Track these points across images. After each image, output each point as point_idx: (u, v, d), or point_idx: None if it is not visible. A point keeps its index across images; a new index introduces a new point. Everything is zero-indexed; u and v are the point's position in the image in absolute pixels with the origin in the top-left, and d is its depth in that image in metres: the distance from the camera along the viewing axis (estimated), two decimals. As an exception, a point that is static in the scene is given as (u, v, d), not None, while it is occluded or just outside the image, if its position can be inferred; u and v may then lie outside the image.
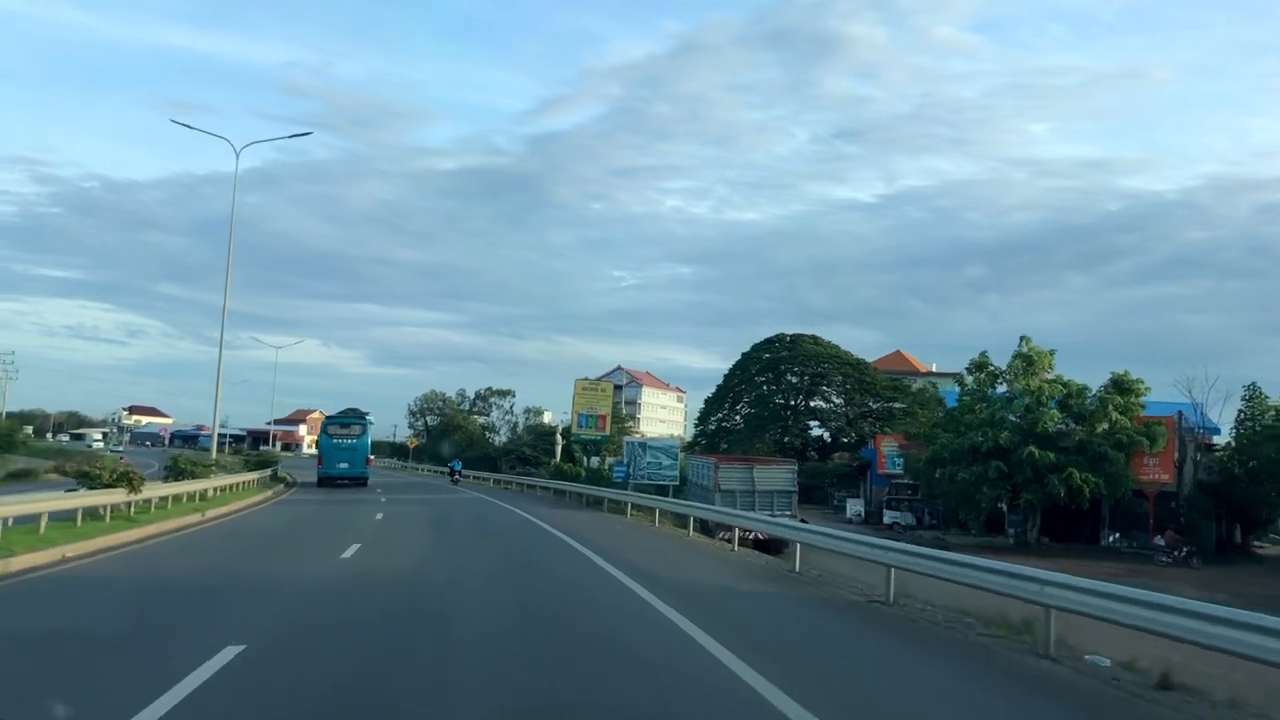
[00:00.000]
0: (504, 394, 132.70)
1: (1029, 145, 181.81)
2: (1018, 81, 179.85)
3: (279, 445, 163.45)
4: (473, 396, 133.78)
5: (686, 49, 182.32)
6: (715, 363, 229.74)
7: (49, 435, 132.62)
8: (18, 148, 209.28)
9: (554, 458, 70.50)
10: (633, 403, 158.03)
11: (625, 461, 46.45)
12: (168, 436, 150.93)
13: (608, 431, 61.45)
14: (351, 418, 55.22)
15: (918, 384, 79.05)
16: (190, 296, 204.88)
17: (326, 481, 47.38)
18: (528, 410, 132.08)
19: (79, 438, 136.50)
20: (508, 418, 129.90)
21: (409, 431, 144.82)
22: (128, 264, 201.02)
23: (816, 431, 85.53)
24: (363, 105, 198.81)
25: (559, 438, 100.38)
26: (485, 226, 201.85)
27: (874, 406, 79.34)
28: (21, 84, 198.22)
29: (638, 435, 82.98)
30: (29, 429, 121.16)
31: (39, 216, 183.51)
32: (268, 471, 47.11)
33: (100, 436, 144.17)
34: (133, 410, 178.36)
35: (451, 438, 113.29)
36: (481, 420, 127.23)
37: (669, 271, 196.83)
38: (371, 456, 53.83)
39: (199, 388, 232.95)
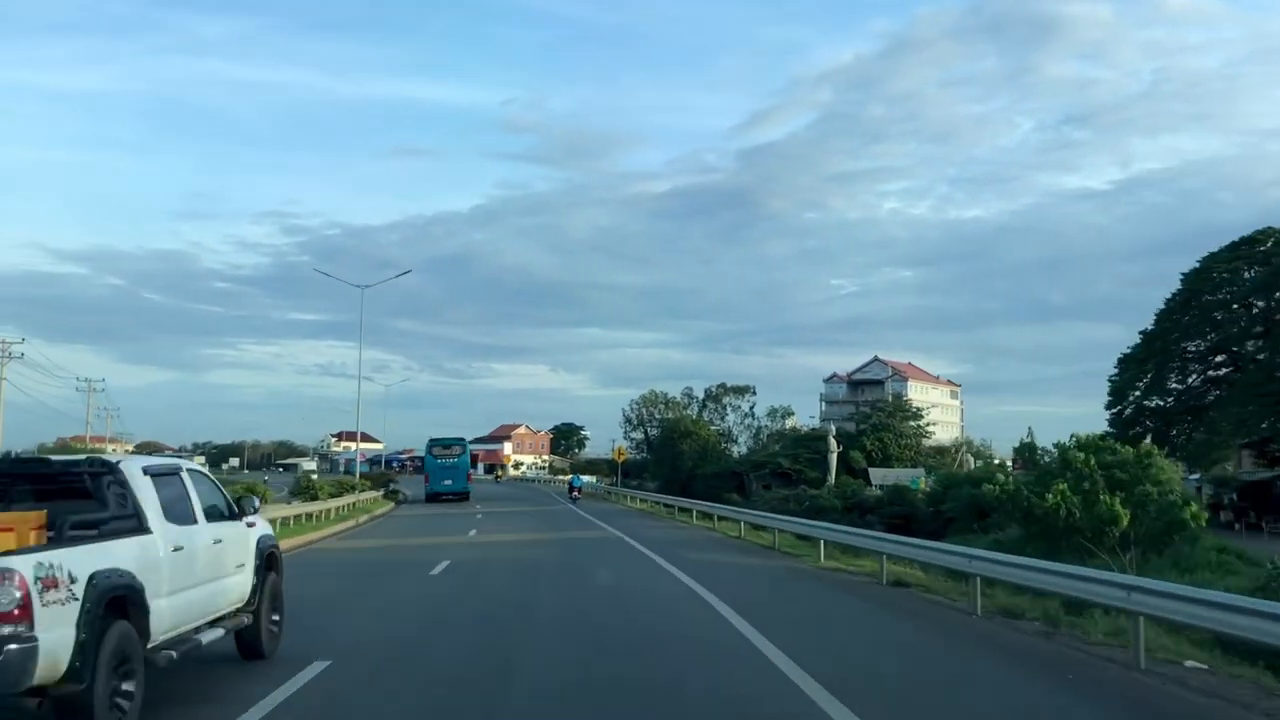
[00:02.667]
0: (741, 391, 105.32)
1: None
2: (1264, 46, 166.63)
3: (481, 468, 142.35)
4: (702, 396, 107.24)
5: (897, 47, 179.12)
6: (944, 368, 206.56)
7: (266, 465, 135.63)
8: (269, 203, 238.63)
9: (828, 474, 58.85)
10: (899, 399, 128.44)
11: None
12: (364, 462, 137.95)
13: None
14: (453, 440, 59.35)
15: None
16: (426, 331, 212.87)
17: (433, 498, 51.36)
18: (773, 411, 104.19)
19: (290, 467, 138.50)
20: (748, 421, 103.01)
21: (625, 444, 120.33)
22: (370, 304, 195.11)
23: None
24: (576, 136, 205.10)
25: (833, 443, 70.83)
26: (700, 245, 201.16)
27: None
28: (269, 146, 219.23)
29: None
30: (234, 460, 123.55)
31: (290, 265, 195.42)
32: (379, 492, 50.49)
33: (313, 464, 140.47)
34: (342, 437, 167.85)
35: (677, 447, 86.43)
36: (714, 426, 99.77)
37: (890, 276, 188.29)
38: (472, 473, 60.71)
39: (443, 417, 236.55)
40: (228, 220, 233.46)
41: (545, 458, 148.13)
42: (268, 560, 9.35)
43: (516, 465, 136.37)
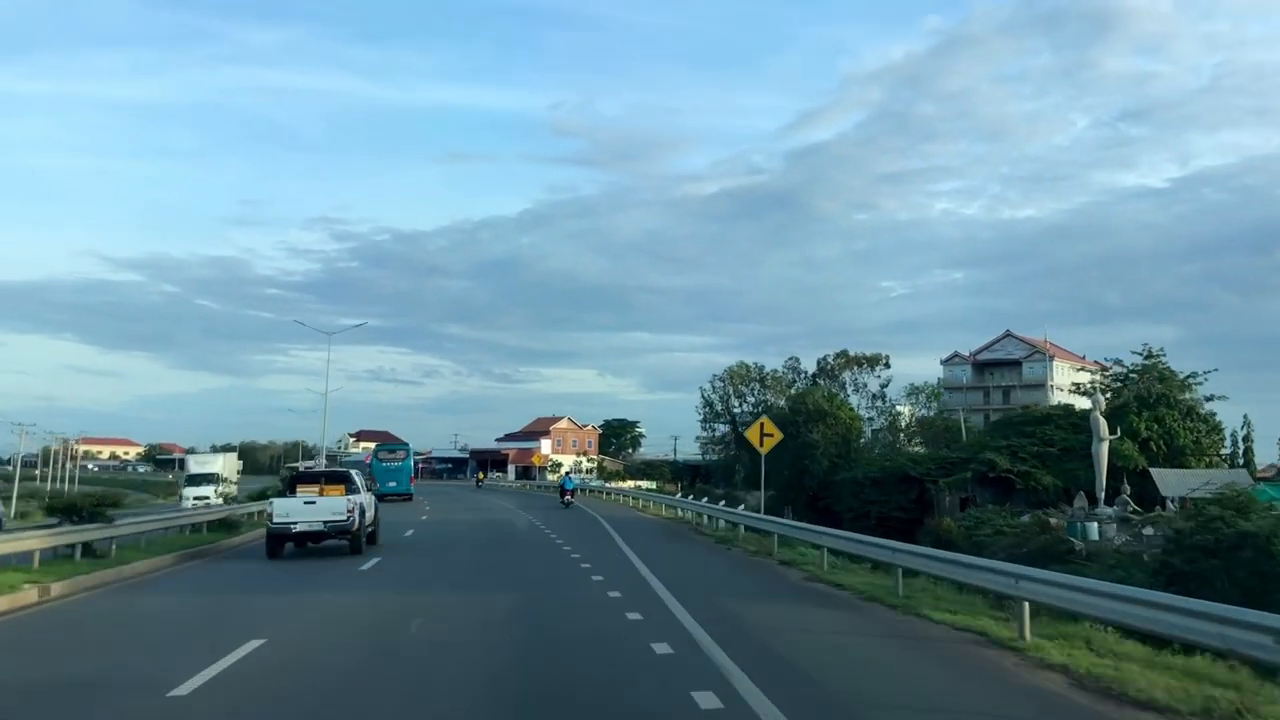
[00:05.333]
0: (870, 362, 74.64)
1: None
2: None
3: (512, 470, 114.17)
4: (812, 370, 76.55)
5: (949, 44, 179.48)
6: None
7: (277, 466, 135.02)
8: (319, 209, 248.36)
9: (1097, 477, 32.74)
10: (1039, 385, 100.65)
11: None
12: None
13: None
14: (397, 445, 65.27)
15: None
16: (475, 336, 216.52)
17: (380, 498, 40.74)
18: (913, 391, 73.42)
19: (294, 468, 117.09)
20: (878, 404, 72.49)
21: (703, 438, 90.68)
22: (418, 309, 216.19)
23: None
24: (623, 138, 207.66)
25: (1102, 425, 38.85)
26: (747, 247, 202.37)
27: None
28: (319, 152, 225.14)
29: None
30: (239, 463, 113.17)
31: (340, 271, 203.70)
32: None
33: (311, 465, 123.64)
34: (361, 436, 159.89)
35: (803, 437, 55.21)
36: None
37: (941, 278, 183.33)
38: (414, 477, 61.67)
39: (490, 421, 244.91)
40: (279, 227, 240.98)
41: (593, 458, 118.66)
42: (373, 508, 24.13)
43: (555, 467, 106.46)
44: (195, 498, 43.51)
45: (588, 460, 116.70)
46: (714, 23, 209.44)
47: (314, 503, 21.11)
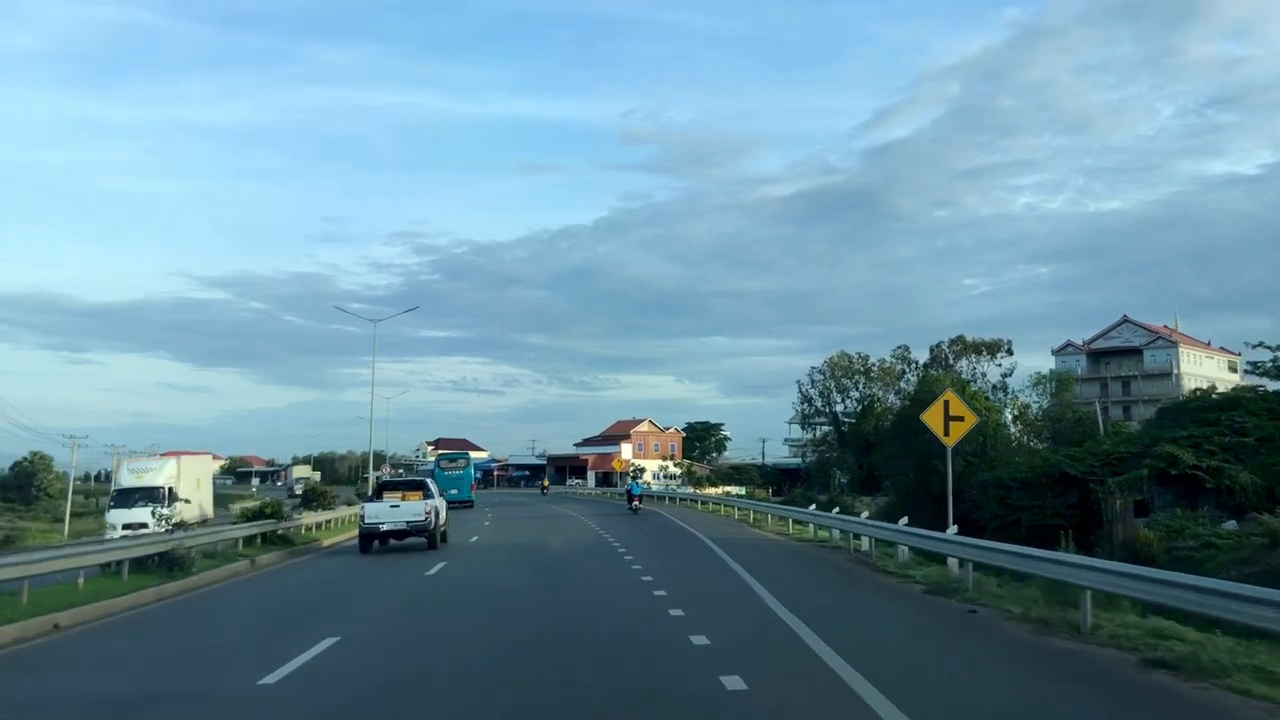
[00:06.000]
0: (990, 349, 66.12)
1: None
2: None
3: (592, 477, 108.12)
4: (924, 360, 68.27)
5: (1028, 36, 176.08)
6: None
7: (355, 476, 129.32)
8: (399, 224, 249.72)
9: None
10: (1164, 374, 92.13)
11: None
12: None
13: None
14: (457, 454, 69.55)
15: None
16: (554, 344, 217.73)
17: None
18: (1039, 381, 64.43)
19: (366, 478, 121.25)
20: (998, 395, 63.64)
21: (792, 440, 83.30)
22: (497, 319, 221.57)
23: None
24: (697, 143, 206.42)
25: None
26: (824, 248, 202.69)
27: None
28: (398, 168, 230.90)
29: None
30: (316, 473, 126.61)
31: (421, 284, 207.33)
32: None
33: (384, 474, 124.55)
34: (438, 445, 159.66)
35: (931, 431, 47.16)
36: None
37: (1025, 274, 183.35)
38: (480, 484, 75.98)
39: (568, 429, 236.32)
40: (361, 242, 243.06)
41: (680, 462, 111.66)
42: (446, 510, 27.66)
43: (637, 472, 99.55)
44: (125, 525, 30.81)
45: (674, 465, 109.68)
46: (784, 25, 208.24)
47: (398, 506, 25.39)
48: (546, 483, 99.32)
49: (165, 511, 21.18)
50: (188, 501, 24.40)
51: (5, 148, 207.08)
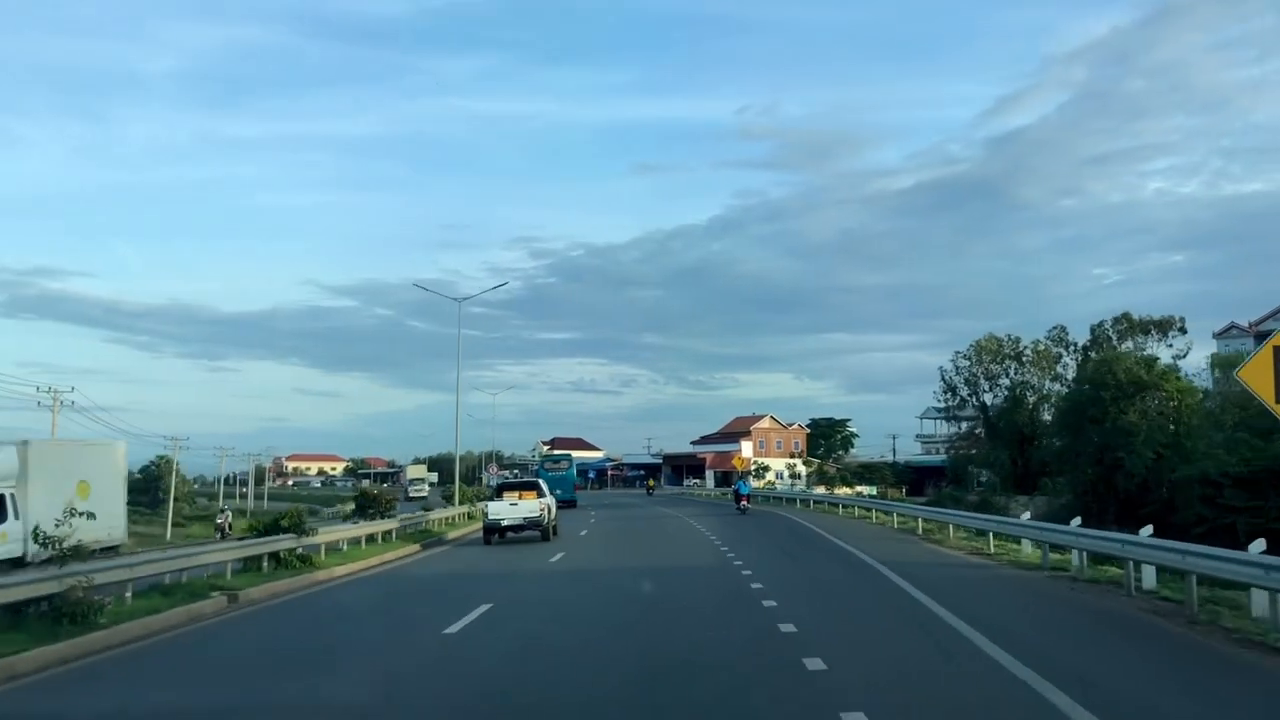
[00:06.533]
0: (1161, 327, 57.45)
1: None
2: None
3: (711, 476, 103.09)
4: (1084, 341, 59.91)
5: (1158, 14, 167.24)
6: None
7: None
8: (517, 230, 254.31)
9: None
10: None
11: None
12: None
13: None
14: (560, 456, 72.84)
15: None
16: (670, 344, 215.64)
17: None
18: (1219, 363, 55.34)
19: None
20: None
21: (924, 436, 76.02)
22: (614, 320, 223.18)
23: None
24: (813, 137, 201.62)
25: None
26: (947, 240, 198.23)
27: None
28: (515, 174, 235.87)
29: None
30: (433, 474, 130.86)
31: (539, 287, 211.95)
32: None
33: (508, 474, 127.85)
34: (554, 444, 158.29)
35: (1115, 419, 39.36)
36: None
37: (1158, 262, 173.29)
38: (578, 484, 71.86)
39: (684, 429, 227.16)
40: (481, 248, 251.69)
41: (810, 459, 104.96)
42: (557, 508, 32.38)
43: (760, 471, 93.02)
44: None
45: (803, 463, 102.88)
46: (900, 16, 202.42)
47: (516, 504, 28.85)
48: (652, 483, 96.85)
49: (66, 525, 12.53)
50: (81, 515, 13.09)
51: (148, 167, 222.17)
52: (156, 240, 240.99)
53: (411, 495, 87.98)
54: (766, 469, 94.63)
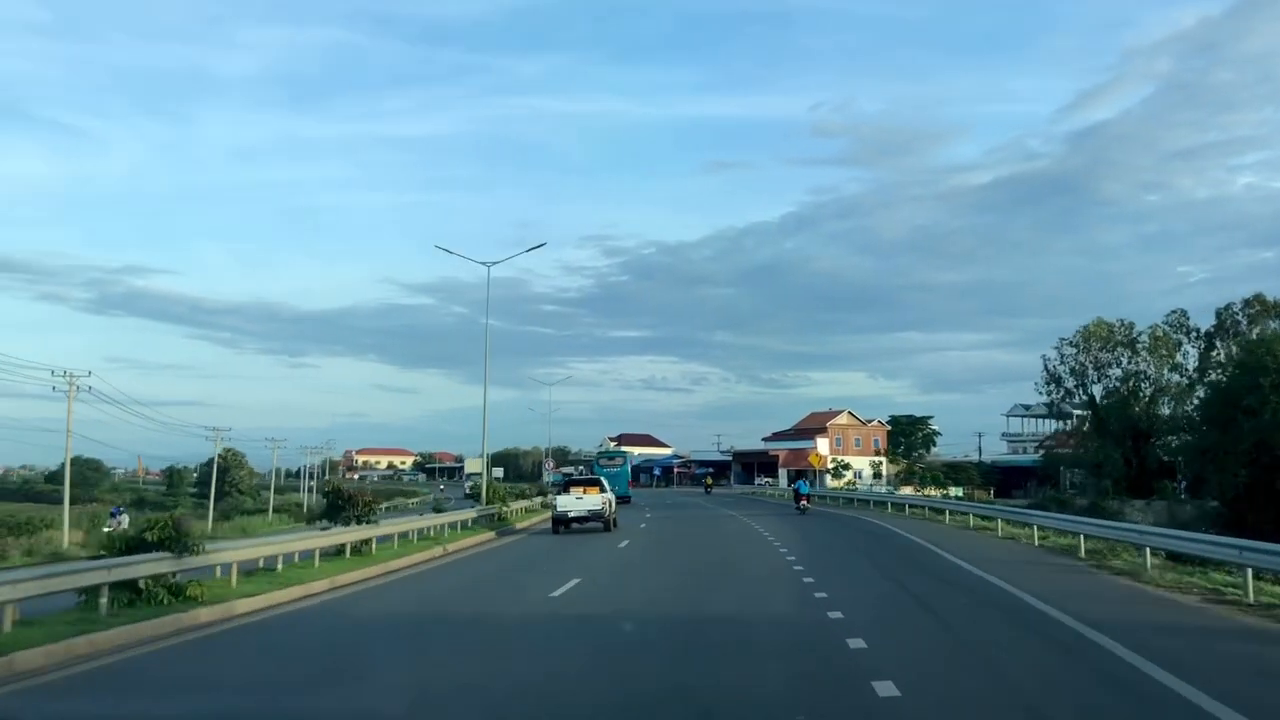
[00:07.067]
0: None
1: None
2: None
3: (783, 475, 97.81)
4: (1208, 326, 52.83)
5: (1247, 4, 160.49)
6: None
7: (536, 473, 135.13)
8: (589, 228, 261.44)
9: None
10: None
11: None
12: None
13: None
14: (615, 453, 75.55)
15: None
16: (741, 342, 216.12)
17: None
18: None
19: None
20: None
21: (1010, 435, 69.59)
22: (686, 318, 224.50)
23: None
24: (888, 134, 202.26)
25: None
26: (1026, 236, 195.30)
27: None
28: (588, 172, 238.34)
29: None
30: (498, 469, 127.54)
31: (611, 285, 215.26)
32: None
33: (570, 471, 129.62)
34: (621, 440, 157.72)
35: (1271, 409, 32.94)
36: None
37: (1247, 259, 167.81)
38: (632, 481, 71.71)
39: (762, 427, 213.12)
40: (554, 246, 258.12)
41: (896, 457, 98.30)
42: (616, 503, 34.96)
43: (839, 470, 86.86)
44: None
45: (888, 461, 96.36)
46: (977, 9, 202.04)
47: (581, 499, 32.20)
48: (710, 481, 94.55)
49: None
50: None
51: (230, 168, 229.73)
52: (237, 239, 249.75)
53: (468, 492, 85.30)
54: (847, 467, 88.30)
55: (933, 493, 69.68)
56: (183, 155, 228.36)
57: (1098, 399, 56.46)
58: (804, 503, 43.50)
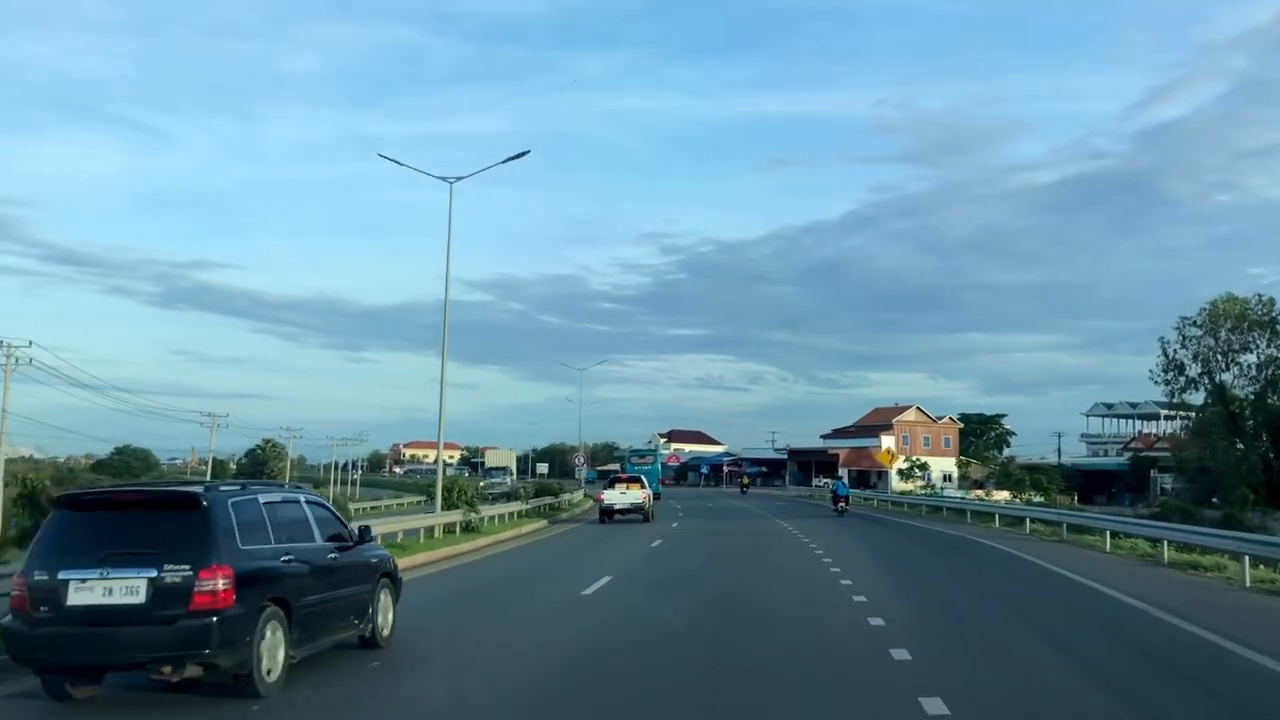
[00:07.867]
0: None
1: None
2: None
3: (845, 475, 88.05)
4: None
5: None
6: None
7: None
8: (647, 225, 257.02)
9: None
10: None
11: None
12: (677, 464, 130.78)
13: None
14: (646, 451, 75.12)
15: None
16: (800, 341, 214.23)
17: None
18: None
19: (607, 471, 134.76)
20: None
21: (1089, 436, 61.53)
22: (744, 317, 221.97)
23: None
24: (950, 131, 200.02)
25: None
26: (1092, 237, 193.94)
27: None
28: (646, 170, 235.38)
29: None
30: (543, 465, 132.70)
31: (668, 283, 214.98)
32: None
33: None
34: (671, 437, 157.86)
35: None
36: None
37: None
38: (663, 478, 73.95)
39: (819, 426, 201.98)
40: (611, 244, 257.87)
41: (987, 459, 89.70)
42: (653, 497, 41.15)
43: (910, 471, 78.12)
44: None
45: (977, 463, 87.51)
46: (1040, 4, 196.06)
47: (625, 493, 36.17)
48: (746, 479, 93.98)
49: None
50: None
51: (291, 164, 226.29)
52: (299, 234, 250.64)
53: (494, 492, 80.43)
54: (924, 466, 79.61)
55: (1008, 498, 61.31)
56: (248, 151, 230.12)
57: (1225, 388, 47.63)
58: (842, 504, 42.36)
